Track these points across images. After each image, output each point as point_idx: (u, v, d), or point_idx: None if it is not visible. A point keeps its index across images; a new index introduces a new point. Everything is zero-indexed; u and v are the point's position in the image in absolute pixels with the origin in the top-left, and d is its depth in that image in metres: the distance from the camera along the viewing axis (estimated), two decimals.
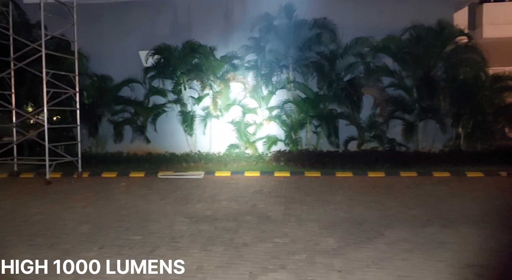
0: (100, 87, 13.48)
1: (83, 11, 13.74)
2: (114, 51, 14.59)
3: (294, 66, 12.79)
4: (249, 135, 12.86)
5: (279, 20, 12.56)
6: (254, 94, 12.87)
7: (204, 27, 14.25)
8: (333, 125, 11.89)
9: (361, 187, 9.20)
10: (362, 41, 12.47)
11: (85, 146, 13.55)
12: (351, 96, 11.91)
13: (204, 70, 13.04)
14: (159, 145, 13.38)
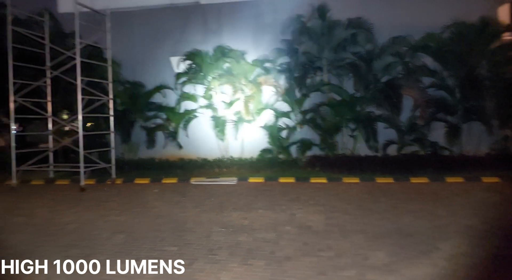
0: (133, 94, 13.49)
1: (115, 18, 13.85)
2: (146, 58, 14.63)
3: (329, 67, 12.37)
4: (282, 140, 12.51)
5: (312, 21, 12.19)
6: (287, 98, 12.52)
7: (235, 31, 14.07)
8: (371, 128, 11.38)
9: (404, 194, 8.66)
10: (399, 40, 11.94)
11: (118, 152, 13.56)
12: (390, 97, 11.38)
13: (235, 74, 12.83)
14: (191, 151, 13.24)
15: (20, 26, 11.97)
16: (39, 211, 8.02)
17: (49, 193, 10.04)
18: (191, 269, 4.64)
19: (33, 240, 5.96)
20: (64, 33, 13.83)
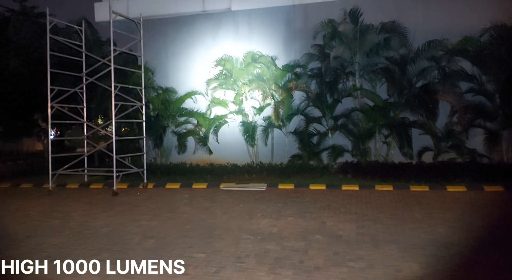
0: (165, 100, 13.72)
1: (149, 26, 14.21)
2: (178, 64, 14.87)
3: (361, 72, 12.14)
4: (313, 146, 12.34)
5: (344, 26, 11.98)
6: (318, 103, 12.35)
7: (265, 37, 14.08)
8: (406, 135, 11.03)
9: (440, 203, 8.32)
10: (435, 44, 11.55)
11: (150, 157, 13.84)
12: (425, 103, 11.00)
13: (266, 80, 12.81)
14: (221, 156, 13.29)
15: (59, 34, 12.45)
16: (74, 215, 8.23)
17: (83, 197, 10.30)
18: (218, 277, 4.60)
19: (67, 244, 6.10)
20: (100, 41, 14.30)
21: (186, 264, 5.02)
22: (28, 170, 14.53)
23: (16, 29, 15.07)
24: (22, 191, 11.54)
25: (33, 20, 18.82)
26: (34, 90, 14.26)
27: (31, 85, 14.49)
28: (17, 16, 16.65)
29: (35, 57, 14.57)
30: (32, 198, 10.35)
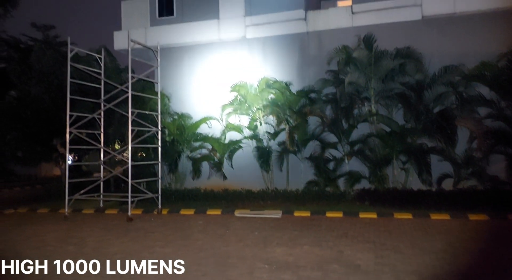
0: (180, 125, 13.83)
1: (165, 54, 14.53)
2: (193, 90, 15.08)
3: (377, 98, 12.06)
4: (329, 172, 12.18)
5: (358, 52, 12.01)
6: (333, 128, 12.27)
7: (280, 63, 14.21)
8: (424, 161, 10.80)
9: (462, 232, 8.04)
10: (451, 70, 11.46)
11: (165, 182, 13.85)
12: (443, 129, 10.82)
13: (280, 105, 12.84)
14: (235, 181, 13.21)
15: (80, 62, 12.79)
16: (89, 240, 8.20)
17: (98, 223, 10.30)
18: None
19: None
20: (119, 68, 14.65)
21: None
22: (45, 195, 14.68)
23: (39, 57, 15.57)
24: (39, 216, 11.62)
25: (55, 48, 19.47)
26: (54, 116, 14.58)
27: (51, 111, 14.83)
28: (40, 45, 17.23)
29: (56, 84, 14.96)
30: (48, 223, 10.39)
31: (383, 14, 12.96)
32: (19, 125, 15.27)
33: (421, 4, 12.69)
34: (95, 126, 13.06)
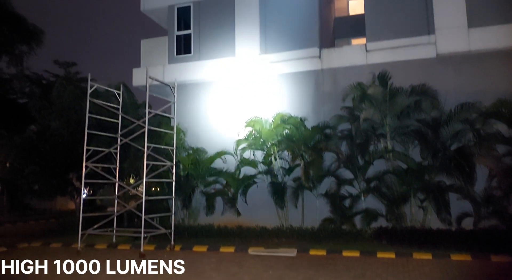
0: (195, 159, 13.87)
1: (182, 89, 14.81)
2: (209, 125, 15.22)
3: (392, 134, 11.98)
4: (345, 209, 11.96)
5: (373, 89, 12.07)
6: (349, 164, 12.15)
7: (295, 99, 14.32)
8: (443, 199, 10.55)
9: (486, 275, 7.71)
10: (468, 107, 11.37)
11: (178, 217, 13.75)
12: (462, 166, 10.61)
13: (295, 141, 12.83)
14: (249, 218, 13.03)
15: (99, 97, 13.12)
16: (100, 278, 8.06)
17: (111, 258, 10.15)
18: None
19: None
20: (136, 104, 14.96)
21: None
22: (59, 229, 14.67)
23: (59, 93, 16.03)
24: (52, 251, 11.56)
25: (76, 84, 20.10)
26: (71, 150, 14.81)
27: (69, 145, 15.08)
28: (61, 81, 17.79)
29: (75, 118, 15.29)
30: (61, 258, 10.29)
31: (397, 52, 13.11)
32: (37, 159, 15.52)
33: (435, 42, 12.80)
34: (111, 160, 13.18)
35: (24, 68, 25.43)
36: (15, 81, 26.28)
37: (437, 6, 12.97)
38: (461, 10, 12.74)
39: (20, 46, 24.54)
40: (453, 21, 12.77)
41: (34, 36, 24.54)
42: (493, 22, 12.41)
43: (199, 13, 15.93)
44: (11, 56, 24.58)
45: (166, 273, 6.61)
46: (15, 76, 25.95)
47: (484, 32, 12.40)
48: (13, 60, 24.74)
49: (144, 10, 17.18)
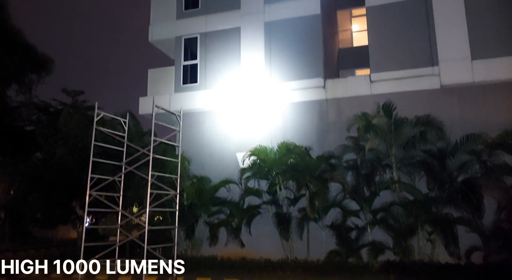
0: (199, 188, 13.77)
1: (187, 118, 14.89)
2: (213, 154, 15.21)
3: (398, 165, 11.89)
4: (351, 241, 11.72)
5: (377, 119, 12.09)
6: (354, 195, 12.01)
7: (299, 128, 14.35)
8: (451, 232, 10.33)
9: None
10: (474, 138, 11.30)
11: (181, 248, 13.50)
12: (469, 198, 10.45)
13: (300, 170, 12.74)
14: (253, 249, 12.79)
15: (105, 126, 13.20)
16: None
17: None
18: None
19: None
20: (142, 132, 15.03)
21: None
22: (60, 258, 14.39)
23: (66, 121, 16.17)
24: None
25: (82, 112, 20.29)
26: (75, 178, 14.79)
27: (73, 173, 15.07)
28: (68, 109, 17.99)
29: (80, 146, 15.35)
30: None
31: (401, 83, 13.24)
32: (41, 186, 15.49)
33: (439, 74, 12.92)
34: (115, 189, 13.10)
35: (32, 96, 25.79)
36: (23, 109, 26.61)
37: (440, 38, 13.16)
38: (464, 43, 12.92)
39: (29, 75, 24.98)
40: (456, 53, 12.92)
41: (44, 65, 25.02)
42: (496, 54, 12.57)
43: (205, 44, 16.27)
44: (21, 84, 24.98)
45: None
46: (23, 104, 26.30)
47: (487, 64, 12.53)
48: (22, 88, 25.12)
49: (152, 41, 17.58)
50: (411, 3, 13.91)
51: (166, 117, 14.30)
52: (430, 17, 13.50)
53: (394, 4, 14.06)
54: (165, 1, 17.61)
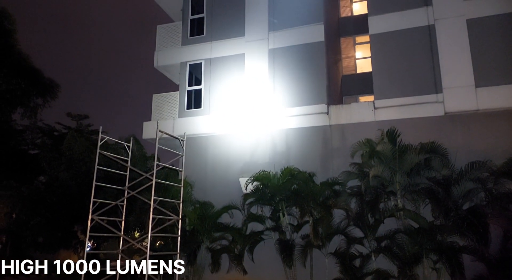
0: (202, 214, 13.67)
1: (191, 143, 14.98)
2: (216, 179, 15.17)
3: (403, 192, 11.78)
4: (355, 269, 11.49)
5: (382, 145, 12.05)
6: (359, 222, 11.85)
7: (303, 154, 14.34)
8: (457, 261, 10.11)
9: None
10: (479, 166, 11.21)
11: (182, 275, 13.27)
12: (475, 227, 10.28)
13: (304, 196, 12.64)
14: (256, 276, 12.61)
15: (108, 150, 13.27)
16: None
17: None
18: None
19: None
20: (145, 156, 15.09)
21: None
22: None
23: (70, 144, 16.29)
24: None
25: (87, 136, 20.46)
26: (77, 201, 14.76)
27: (76, 197, 15.05)
28: (72, 133, 18.13)
29: (83, 170, 15.40)
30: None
31: (405, 109, 13.29)
32: (43, 210, 15.45)
33: (443, 101, 12.96)
34: (117, 213, 13.04)
35: (37, 120, 26.04)
36: (28, 132, 26.87)
37: (444, 66, 13.28)
38: (468, 70, 13.01)
39: (35, 99, 25.28)
40: (460, 81, 13.01)
41: (49, 89, 25.34)
42: (501, 82, 12.65)
43: (210, 70, 16.49)
44: (26, 108, 25.25)
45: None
46: (28, 128, 26.57)
47: (492, 92, 12.59)
48: (27, 112, 25.37)
49: (157, 66, 17.86)
50: (415, 31, 14.12)
51: (170, 142, 14.37)
52: (433, 45, 13.67)
53: (398, 32, 14.29)
54: (171, 28, 18.01)
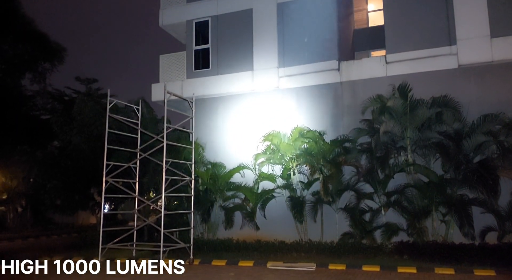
0: (214, 174, 13.91)
1: (200, 104, 14.94)
2: (227, 139, 15.24)
3: (413, 147, 11.79)
4: (365, 223, 11.77)
5: (393, 101, 11.94)
6: (369, 178, 11.98)
7: (313, 113, 14.22)
8: (466, 213, 10.28)
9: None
10: (491, 119, 11.10)
11: (197, 232, 13.75)
12: (485, 179, 10.34)
13: (314, 155, 12.74)
14: (268, 232, 12.95)
15: (118, 113, 13.36)
16: None
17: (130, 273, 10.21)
18: None
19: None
20: (155, 119, 15.17)
21: None
22: (81, 243, 14.84)
23: (80, 109, 16.40)
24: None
25: (96, 100, 20.55)
26: (92, 165, 15.07)
27: (90, 160, 15.36)
28: (82, 97, 18.24)
29: (95, 134, 15.59)
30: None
31: (418, 63, 12.95)
32: (59, 174, 15.84)
33: (457, 53, 12.57)
34: (131, 175, 13.34)
35: (46, 85, 26.16)
36: (38, 98, 27.07)
37: (459, 16, 12.74)
38: (483, 20, 12.47)
39: (43, 64, 25.29)
40: (475, 31, 12.51)
41: (56, 54, 25.28)
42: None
43: (217, 28, 16.11)
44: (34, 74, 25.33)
45: None
46: (38, 93, 26.73)
47: (507, 42, 12.12)
48: (36, 77, 25.50)
49: (163, 25, 17.45)
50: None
51: (179, 104, 14.38)
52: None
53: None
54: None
